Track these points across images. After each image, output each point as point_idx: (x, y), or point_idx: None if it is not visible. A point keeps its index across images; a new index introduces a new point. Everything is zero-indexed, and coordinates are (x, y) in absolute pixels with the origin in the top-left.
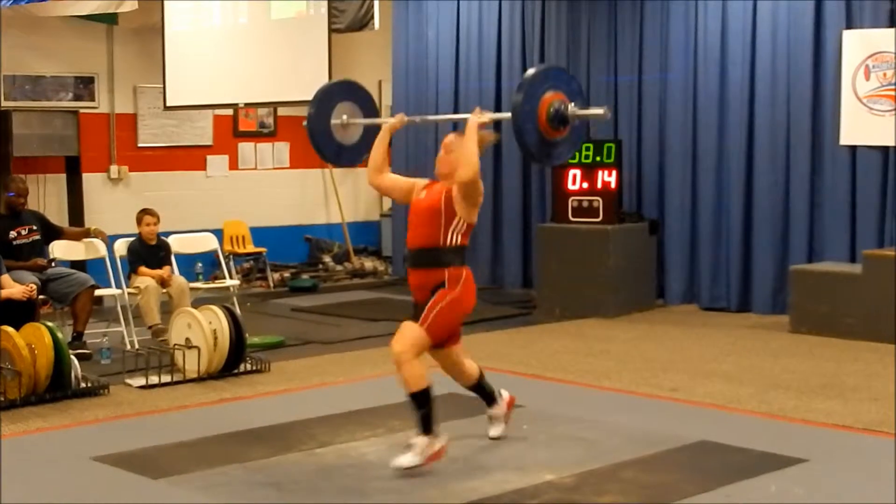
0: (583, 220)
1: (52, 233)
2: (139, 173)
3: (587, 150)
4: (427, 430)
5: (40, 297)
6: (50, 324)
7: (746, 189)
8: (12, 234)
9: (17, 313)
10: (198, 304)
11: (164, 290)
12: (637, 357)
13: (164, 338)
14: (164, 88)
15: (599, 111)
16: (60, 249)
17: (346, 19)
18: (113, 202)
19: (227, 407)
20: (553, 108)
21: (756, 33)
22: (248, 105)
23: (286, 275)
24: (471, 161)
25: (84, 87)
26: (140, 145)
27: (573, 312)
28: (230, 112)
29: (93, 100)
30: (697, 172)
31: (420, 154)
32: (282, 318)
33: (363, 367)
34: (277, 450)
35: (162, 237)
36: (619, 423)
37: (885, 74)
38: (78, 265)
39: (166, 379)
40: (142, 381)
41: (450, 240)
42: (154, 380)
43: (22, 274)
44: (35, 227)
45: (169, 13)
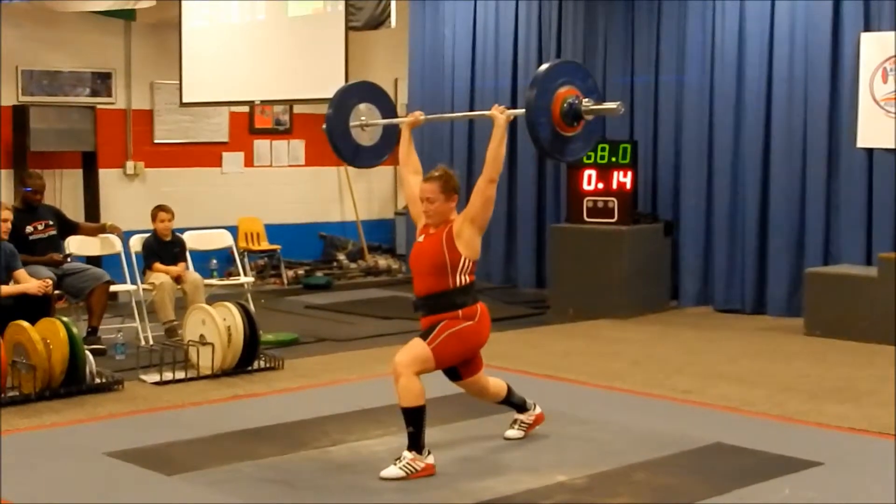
0: (597, 220)
1: (67, 228)
2: (155, 169)
3: (602, 150)
4: (414, 446)
5: (55, 291)
6: (65, 318)
7: (762, 191)
8: (28, 229)
9: (33, 308)
10: (212, 300)
11: (179, 287)
12: (650, 358)
13: (177, 336)
14: (181, 85)
15: (613, 106)
16: (76, 244)
17: (363, 17)
18: (128, 198)
19: (240, 404)
20: (567, 104)
21: (773, 35)
22: (263, 102)
23: (300, 272)
24: (499, 160)
25: (101, 82)
26: (156, 141)
27: (586, 313)
28: (246, 109)
29: (110, 95)
30: (713, 174)
31: (435, 151)
32: (296, 316)
33: (376, 364)
34: (290, 447)
35: (177, 233)
36: (632, 425)
37: None
38: (93, 260)
39: (180, 375)
40: (156, 377)
41: (458, 281)
42: (168, 376)
43: (37, 269)
44: (51, 222)
45: (186, 9)
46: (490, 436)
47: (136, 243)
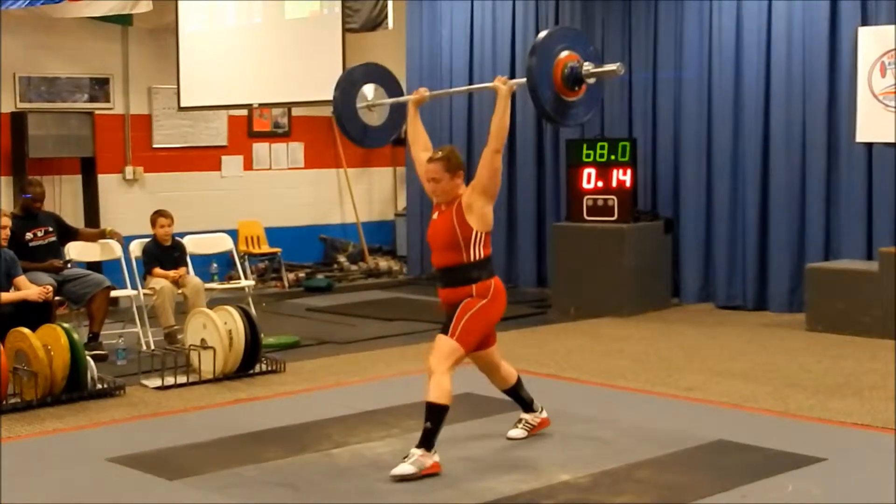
0: (598, 218)
1: (67, 234)
2: (154, 174)
3: (602, 148)
4: (427, 444)
5: (56, 298)
6: (66, 325)
7: (762, 187)
8: (28, 236)
9: (34, 314)
10: (213, 304)
11: (180, 291)
12: (652, 356)
13: (178, 340)
14: (179, 89)
15: (613, 67)
16: (76, 250)
17: (360, 19)
18: (128, 203)
19: (242, 407)
20: (568, 68)
21: (771, 30)
22: (262, 105)
23: (301, 275)
24: (504, 130)
25: (99, 88)
26: (155, 146)
27: (588, 311)
28: (245, 112)
29: (108, 101)
30: (712, 170)
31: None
32: (297, 319)
33: (378, 367)
34: (293, 450)
35: (177, 238)
36: (635, 423)
37: None
38: (93, 266)
39: (182, 380)
40: (157, 382)
41: (473, 255)
42: (170, 380)
43: (38, 275)
44: (51, 229)
45: (183, 14)
46: (493, 436)
47: (136, 248)
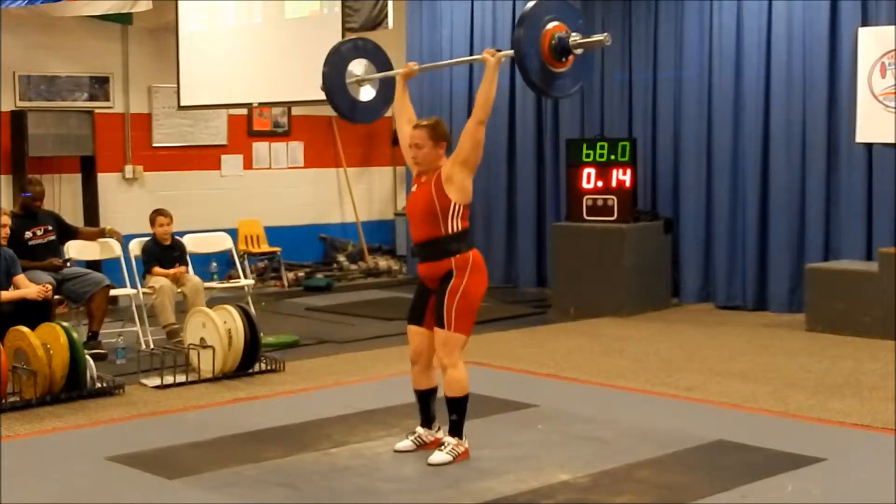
0: (597, 218)
1: (67, 233)
2: (154, 173)
3: (602, 148)
4: (456, 432)
5: (55, 296)
6: (65, 323)
7: (762, 187)
8: (28, 235)
9: (33, 313)
10: (212, 303)
11: (179, 290)
12: (652, 356)
13: (178, 338)
14: (179, 88)
15: (600, 37)
16: (75, 249)
17: (360, 19)
18: (128, 202)
19: (241, 407)
20: (555, 38)
21: (771, 31)
22: (262, 104)
23: (300, 274)
24: (489, 102)
25: (99, 86)
26: (155, 145)
27: (588, 311)
28: (244, 112)
29: (107, 100)
30: (712, 170)
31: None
32: (296, 318)
33: (378, 366)
34: (292, 450)
35: (176, 237)
36: (635, 423)
37: None
38: (93, 265)
39: (181, 379)
40: (157, 381)
41: (450, 228)
42: (169, 379)
43: (37, 274)
44: (50, 227)
45: (183, 13)
46: (492, 435)
47: (135, 247)
